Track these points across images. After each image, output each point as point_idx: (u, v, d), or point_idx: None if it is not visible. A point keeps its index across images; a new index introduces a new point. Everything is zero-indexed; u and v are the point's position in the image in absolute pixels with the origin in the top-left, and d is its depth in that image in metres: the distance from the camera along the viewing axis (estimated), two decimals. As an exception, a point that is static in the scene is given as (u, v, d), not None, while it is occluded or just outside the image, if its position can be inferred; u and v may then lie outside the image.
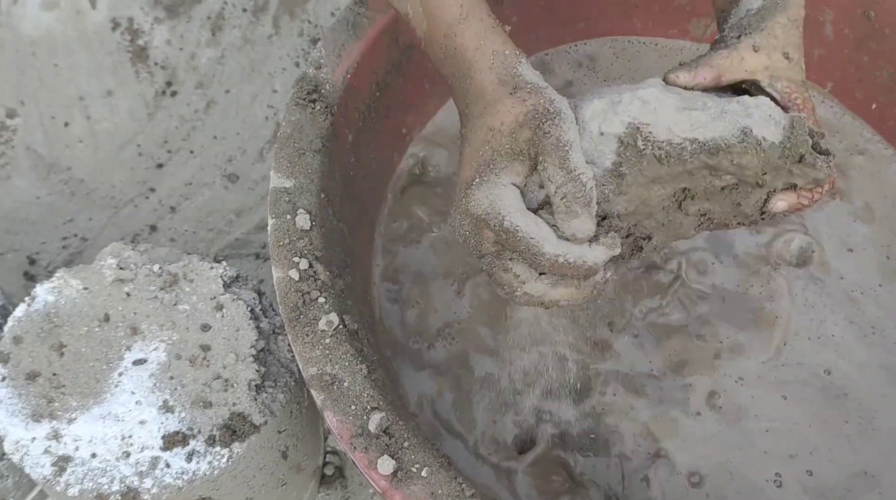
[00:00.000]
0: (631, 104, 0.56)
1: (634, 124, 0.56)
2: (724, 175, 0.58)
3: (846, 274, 0.86)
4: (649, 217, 0.60)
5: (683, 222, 0.61)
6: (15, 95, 1.18)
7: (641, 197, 0.58)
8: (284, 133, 0.73)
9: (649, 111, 0.56)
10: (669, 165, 0.56)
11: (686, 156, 0.56)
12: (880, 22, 0.89)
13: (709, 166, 0.57)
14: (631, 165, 0.56)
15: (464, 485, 0.57)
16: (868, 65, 0.92)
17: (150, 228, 1.12)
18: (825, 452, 0.77)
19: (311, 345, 0.63)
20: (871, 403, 0.79)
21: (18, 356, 0.70)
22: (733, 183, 0.59)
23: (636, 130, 0.56)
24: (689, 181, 0.58)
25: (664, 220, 0.60)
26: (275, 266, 0.66)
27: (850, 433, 0.78)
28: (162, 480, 0.66)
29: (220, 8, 1.24)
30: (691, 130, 0.56)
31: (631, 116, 0.56)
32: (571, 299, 0.58)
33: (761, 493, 0.75)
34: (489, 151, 0.56)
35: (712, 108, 0.57)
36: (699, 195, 0.59)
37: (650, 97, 0.57)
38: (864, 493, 0.75)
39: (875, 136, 0.94)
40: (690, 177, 0.58)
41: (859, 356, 0.82)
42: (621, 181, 0.56)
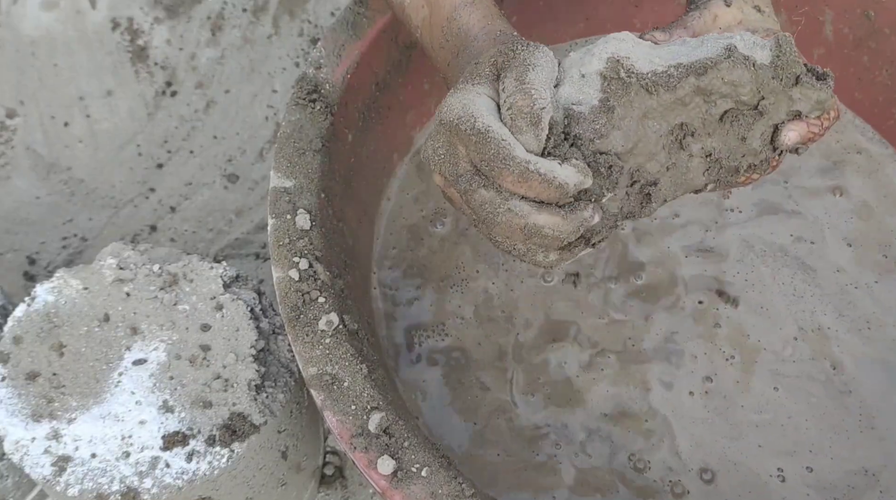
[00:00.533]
0: (607, 44, 0.54)
1: (614, 58, 0.54)
2: (718, 100, 0.55)
3: (843, 267, 0.86)
4: (651, 158, 0.56)
5: (689, 166, 0.58)
6: (15, 95, 1.18)
7: (637, 133, 0.55)
8: (284, 133, 0.73)
9: (627, 48, 0.54)
10: (658, 95, 0.54)
11: (674, 82, 0.54)
12: (880, 22, 0.89)
13: (700, 90, 0.55)
14: (618, 98, 0.53)
15: (464, 485, 0.57)
16: (868, 65, 0.92)
17: (150, 228, 1.12)
18: (825, 448, 0.77)
19: (311, 345, 0.63)
20: (869, 399, 0.79)
21: (18, 356, 0.70)
22: (731, 108, 0.56)
23: (617, 62, 0.54)
24: (683, 113, 0.55)
25: (668, 162, 0.57)
26: (275, 266, 0.66)
27: (849, 428, 0.78)
28: (162, 480, 0.66)
29: (220, 8, 1.24)
30: (673, 59, 0.54)
31: (609, 52, 0.54)
32: (557, 230, 0.52)
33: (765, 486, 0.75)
34: (466, 75, 0.54)
35: (691, 42, 0.56)
36: (699, 130, 0.56)
37: (625, 37, 0.55)
38: (866, 491, 0.75)
39: (875, 135, 0.94)
40: (684, 107, 0.55)
41: (854, 350, 0.82)
42: (612, 115, 0.53)
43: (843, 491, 0.75)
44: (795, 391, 0.80)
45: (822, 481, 0.76)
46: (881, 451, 0.77)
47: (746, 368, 0.81)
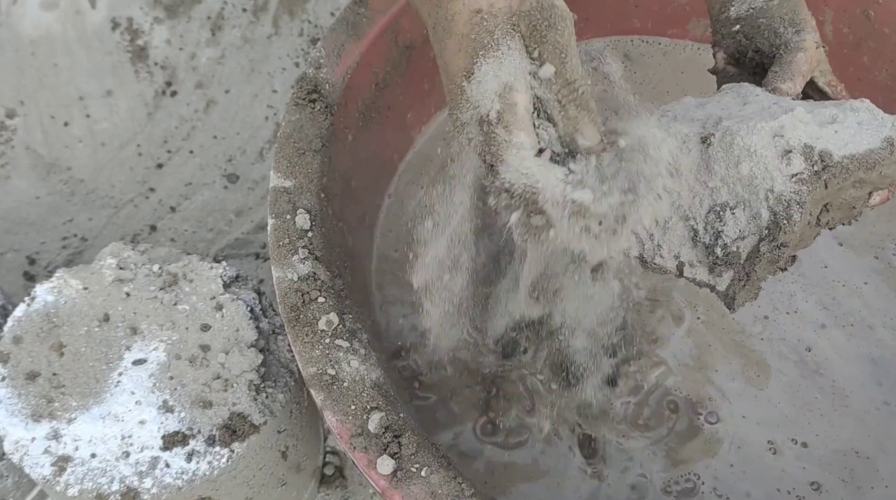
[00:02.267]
0: (795, 128, 0.55)
1: (807, 147, 0.55)
2: (865, 186, 0.58)
3: (831, 264, 0.86)
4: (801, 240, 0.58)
5: (811, 235, 0.59)
6: (15, 95, 1.18)
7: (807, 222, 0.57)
8: (284, 133, 0.73)
9: (810, 131, 0.55)
10: (831, 186, 0.55)
11: (846, 174, 0.55)
12: (880, 22, 0.89)
13: (860, 181, 0.56)
14: (809, 193, 0.54)
15: (464, 485, 0.57)
16: (868, 65, 0.92)
17: (150, 228, 1.12)
18: (804, 424, 0.78)
19: (311, 345, 0.63)
20: (844, 384, 0.80)
21: (18, 356, 0.70)
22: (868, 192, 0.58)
23: (810, 153, 0.55)
24: (835, 197, 0.57)
25: (802, 234, 0.58)
26: (275, 266, 0.66)
27: (822, 407, 0.79)
28: (162, 480, 0.66)
29: (219, 8, 1.24)
30: (845, 147, 0.55)
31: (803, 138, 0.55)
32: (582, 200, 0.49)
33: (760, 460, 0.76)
34: (483, 33, 0.50)
35: (841, 119, 0.57)
36: (833, 207, 0.58)
37: (802, 116, 0.55)
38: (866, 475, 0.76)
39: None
40: (839, 192, 0.57)
41: (836, 342, 0.83)
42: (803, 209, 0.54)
43: (840, 473, 0.76)
44: (763, 367, 0.81)
45: (814, 456, 0.77)
46: (865, 433, 0.78)
47: (716, 335, 0.82)
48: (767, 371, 0.81)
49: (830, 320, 0.83)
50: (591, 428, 0.78)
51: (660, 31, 1.01)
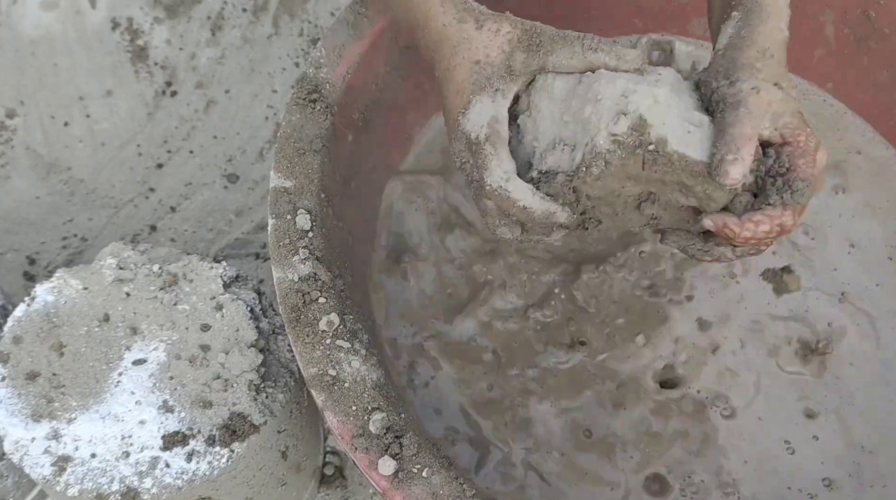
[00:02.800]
0: (646, 99, 0.56)
1: (641, 119, 0.56)
2: (690, 197, 0.58)
3: (841, 265, 0.86)
4: (609, 206, 0.61)
5: (633, 219, 0.62)
6: (15, 95, 1.18)
7: (613, 188, 0.59)
8: (284, 133, 0.73)
9: (658, 112, 0.56)
10: (651, 170, 0.57)
11: (669, 168, 0.56)
12: (880, 22, 0.89)
13: (685, 186, 0.58)
14: (619, 158, 0.56)
15: (465, 486, 0.57)
16: (868, 65, 0.92)
17: (150, 228, 1.12)
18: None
19: (312, 345, 0.63)
20: (852, 384, 0.80)
21: (18, 356, 0.70)
22: (694, 207, 0.59)
23: (640, 125, 0.56)
24: (659, 188, 0.59)
25: (620, 211, 0.61)
26: (275, 266, 0.66)
27: (832, 406, 0.80)
28: (162, 480, 0.66)
29: (219, 8, 1.24)
30: (682, 144, 0.56)
31: (643, 108, 0.56)
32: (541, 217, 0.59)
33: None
34: (482, 79, 0.60)
35: (707, 129, 0.57)
36: (660, 202, 0.60)
37: (663, 98, 0.57)
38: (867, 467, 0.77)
39: (875, 135, 0.94)
40: (663, 186, 0.58)
41: (849, 340, 0.82)
42: (606, 168, 0.57)
43: (849, 468, 0.76)
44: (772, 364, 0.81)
45: (825, 453, 0.77)
46: (872, 430, 0.78)
47: (722, 322, 0.83)
48: (777, 368, 0.81)
49: (843, 320, 0.83)
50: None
51: (660, 31, 1.01)
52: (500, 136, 0.59)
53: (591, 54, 0.59)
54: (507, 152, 0.59)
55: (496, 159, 0.59)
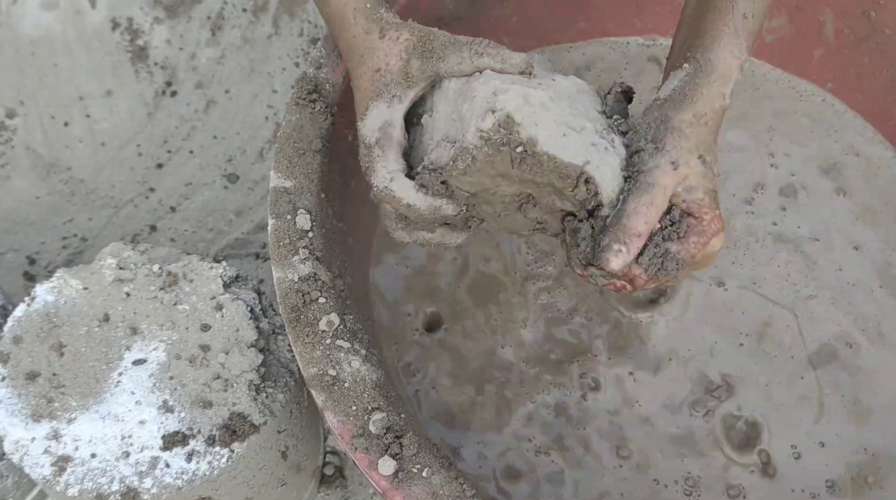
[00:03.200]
0: (515, 98, 0.57)
1: (508, 117, 0.56)
2: (565, 201, 0.59)
3: (845, 267, 0.86)
4: (488, 204, 0.61)
5: (518, 221, 0.62)
6: (15, 95, 1.18)
7: (485, 185, 0.59)
8: (284, 133, 0.73)
9: (529, 112, 0.56)
10: (521, 169, 0.57)
11: (539, 168, 0.56)
12: (880, 22, 0.89)
13: (556, 189, 0.58)
14: (485, 153, 0.57)
15: (465, 486, 0.57)
16: (868, 65, 0.92)
17: (150, 228, 1.12)
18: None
19: (312, 345, 0.63)
20: (857, 385, 0.80)
21: (18, 356, 0.70)
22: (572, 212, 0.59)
23: (508, 123, 0.56)
24: (535, 190, 0.59)
25: (501, 212, 0.62)
26: (275, 266, 0.66)
27: (836, 407, 0.80)
28: (162, 480, 0.66)
29: (220, 8, 1.24)
30: (554, 146, 0.56)
31: (510, 107, 0.56)
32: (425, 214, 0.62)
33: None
34: (381, 86, 0.63)
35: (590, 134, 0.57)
36: (541, 206, 0.60)
37: (536, 99, 0.57)
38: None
39: (876, 136, 0.94)
40: (537, 187, 0.58)
41: (849, 341, 0.82)
42: (472, 163, 0.57)
43: (850, 471, 0.76)
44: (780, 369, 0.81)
45: (830, 456, 0.77)
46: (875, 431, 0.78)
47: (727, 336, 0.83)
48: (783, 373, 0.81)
49: (846, 323, 0.83)
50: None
51: (660, 31, 1.01)
52: (390, 138, 0.62)
53: (477, 58, 0.61)
54: (395, 154, 0.62)
55: (382, 161, 0.62)
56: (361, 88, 0.64)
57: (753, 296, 0.84)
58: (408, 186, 0.61)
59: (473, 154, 0.57)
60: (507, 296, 0.84)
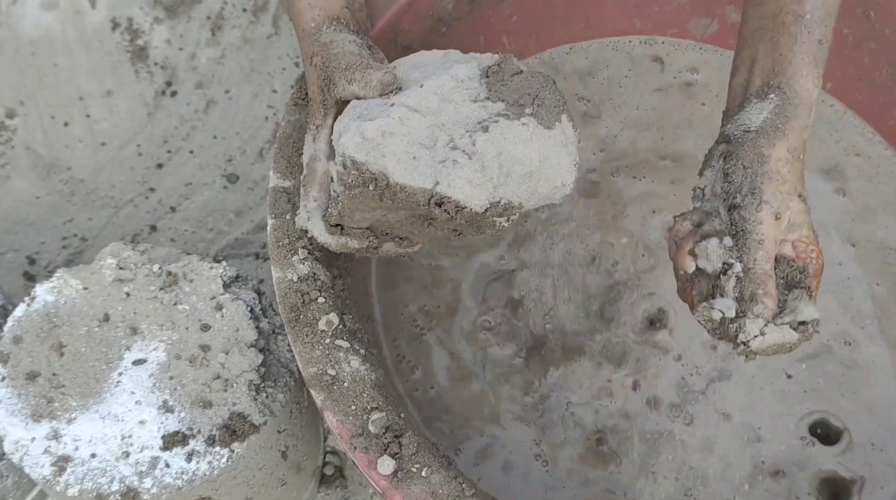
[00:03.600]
0: (353, 138, 0.55)
1: (352, 160, 0.55)
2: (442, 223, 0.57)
3: (845, 262, 0.86)
4: (394, 228, 0.60)
5: (438, 234, 0.60)
6: (15, 95, 1.18)
7: (373, 219, 0.59)
8: (284, 133, 0.73)
9: (370, 147, 0.54)
10: (389, 201, 0.55)
11: (396, 199, 0.55)
12: (880, 22, 0.89)
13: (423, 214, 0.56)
14: (348, 197, 0.57)
15: (464, 485, 0.57)
16: (868, 65, 0.92)
17: (150, 228, 1.12)
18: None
19: (311, 345, 0.63)
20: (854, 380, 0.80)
21: (18, 356, 0.70)
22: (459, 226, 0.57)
23: (354, 164, 0.55)
24: (424, 213, 0.57)
25: (416, 230, 0.60)
26: (274, 266, 0.66)
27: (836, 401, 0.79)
28: (162, 480, 0.66)
29: (219, 8, 1.24)
30: (403, 174, 0.54)
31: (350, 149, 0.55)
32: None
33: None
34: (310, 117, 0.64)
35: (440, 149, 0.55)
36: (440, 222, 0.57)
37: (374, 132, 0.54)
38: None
39: (875, 136, 0.94)
40: (413, 210, 0.56)
41: (850, 339, 0.82)
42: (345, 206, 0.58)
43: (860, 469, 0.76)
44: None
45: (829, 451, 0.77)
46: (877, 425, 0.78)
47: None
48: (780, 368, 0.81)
49: (846, 320, 0.83)
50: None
51: (660, 31, 1.01)
52: (313, 174, 0.62)
53: (349, 86, 0.59)
54: (315, 191, 0.62)
55: (303, 200, 0.63)
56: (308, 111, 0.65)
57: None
58: (320, 227, 0.62)
59: (341, 200, 0.58)
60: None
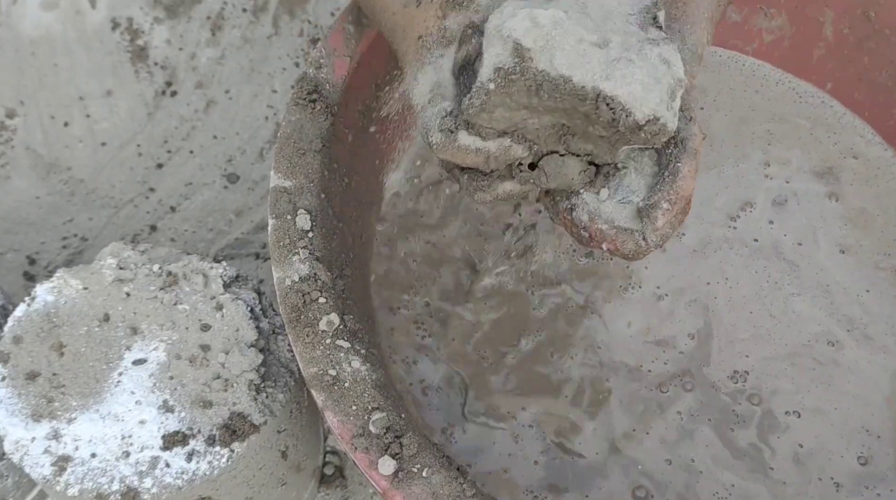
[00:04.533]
0: (522, 22, 0.53)
1: (516, 44, 0.53)
2: (598, 127, 0.55)
3: (830, 269, 0.86)
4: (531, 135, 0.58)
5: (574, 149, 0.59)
6: (15, 95, 1.18)
7: (512, 121, 0.56)
8: (284, 133, 0.73)
9: (539, 35, 0.53)
10: (540, 98, 0.54)
11: (557, 94, 0.53)
12: (880, 22, 0.89)
13: (582, 113, 0.55)
14: (499, 86, 0.54)
15: (465, 485, 0.57)
16: (868, 65, 0.92)
17: (150, 228, 1.12)
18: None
19: (312, 345, 0.63)
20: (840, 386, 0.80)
21: (18, 356, 0.70)
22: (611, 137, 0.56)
23: (518, 50, 0.53)
24: (566, 119, 0.56)
25: (551, 142, 0.58)
26: (275, 266, 0.66)
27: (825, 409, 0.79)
28: (162, 480, 0.66)
29: (220, 8, 1.24)
30: (570, 66, 0.53)
31: (518, 33, 0.53)
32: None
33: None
34: (424, 52, 0.61)
35: (615, 49, 0.53)
36: (580, 135, 0.57)
37: (546, 19, 0.53)
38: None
39: (875, 137, 0.94)
40: (567, 115, 0.55)
41: (836, 344, 0.82)
42: (488, 99, 0.54)
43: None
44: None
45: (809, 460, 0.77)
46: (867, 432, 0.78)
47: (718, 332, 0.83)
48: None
49: (831, 325, 0.83)
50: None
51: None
52: (442, 97, 0.59)
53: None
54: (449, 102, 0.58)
55: (436, 110, 0.58)
56: (408, 61, 0.62)
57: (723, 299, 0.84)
58: (467, 135, 0.57)
59: (488, 88, 0.54)
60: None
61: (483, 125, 0.56)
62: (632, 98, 0.53)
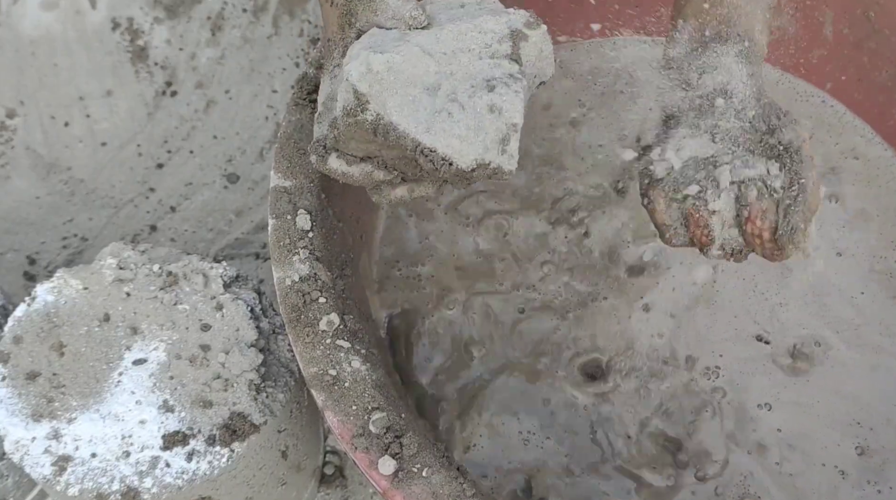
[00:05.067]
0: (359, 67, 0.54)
1: (354, 89, 0.54)
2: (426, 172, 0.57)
3: (825, 272, 0.85)
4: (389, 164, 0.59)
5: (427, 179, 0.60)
6: (15, 95, 1.18)
7: (368, 151, 0.58)
8: (284, 133, 0.73)
9: (373, 80, 0.54)
10: (378, 139, 0.55)
11: (387, 139, 0.54)
12: (880, 22, 0.89)
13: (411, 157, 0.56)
14: (346, 125, 0.55)
15: (465, 485, 0.57)
16: (868, 65, 0.92)
17: (150, 228, 1.12)
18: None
19: (312, 345, 0.63)
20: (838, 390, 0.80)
21: (18, 356, 0.70)
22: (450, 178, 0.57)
23: (357, 94, 0.54)
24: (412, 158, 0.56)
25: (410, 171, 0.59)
26: (275, 266, 0.66)
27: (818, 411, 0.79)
28: (162, 479, 0.66)
29: (220, 8, 1.24)
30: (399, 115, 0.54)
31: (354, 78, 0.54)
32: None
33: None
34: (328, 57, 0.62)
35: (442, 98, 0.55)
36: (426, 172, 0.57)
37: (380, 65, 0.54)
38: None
39: (875, 137, 0.94)
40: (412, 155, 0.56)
41: (827, 346, 0.82)
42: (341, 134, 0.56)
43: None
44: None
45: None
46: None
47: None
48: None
49: (823, 328, 0.83)
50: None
51: (661, 31, 1.01)
52: (329, 112, 0.60)
53: (373, 17, 0.58)
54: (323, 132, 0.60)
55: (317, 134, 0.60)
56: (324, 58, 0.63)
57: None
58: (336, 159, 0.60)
59: (339, 125, 0.56)
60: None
61: (345, 152, 0.59)
62: (451, 150, 0.55)
